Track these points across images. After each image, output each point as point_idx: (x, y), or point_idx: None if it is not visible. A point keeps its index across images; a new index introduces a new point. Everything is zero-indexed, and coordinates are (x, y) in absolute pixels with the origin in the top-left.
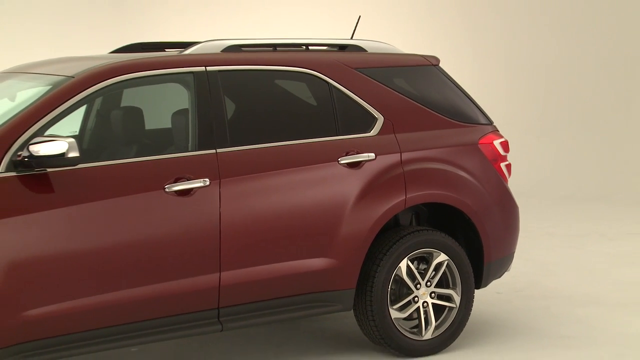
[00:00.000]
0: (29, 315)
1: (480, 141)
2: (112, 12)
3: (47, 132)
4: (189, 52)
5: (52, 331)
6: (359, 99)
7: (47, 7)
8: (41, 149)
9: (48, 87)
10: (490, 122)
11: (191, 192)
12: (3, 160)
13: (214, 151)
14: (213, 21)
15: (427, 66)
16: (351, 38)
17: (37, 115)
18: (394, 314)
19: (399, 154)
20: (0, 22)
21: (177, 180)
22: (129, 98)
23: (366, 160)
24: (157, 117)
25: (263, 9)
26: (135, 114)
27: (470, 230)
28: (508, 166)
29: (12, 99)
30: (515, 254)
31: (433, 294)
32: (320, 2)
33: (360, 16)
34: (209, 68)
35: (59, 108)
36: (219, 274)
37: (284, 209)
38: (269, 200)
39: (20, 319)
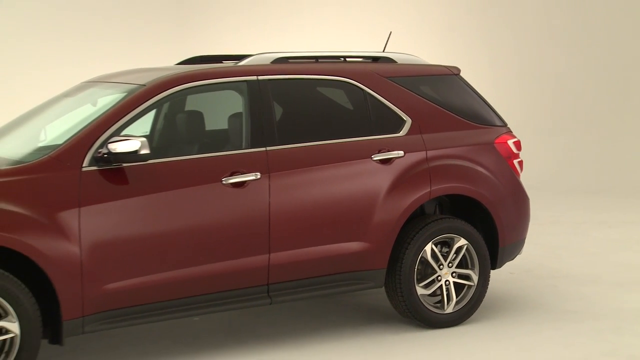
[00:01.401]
0: (108, 288)
1: (496, 141)
2: (177, 29)
3: (123, 133)
4: (243, 64)
5: (128, 302)
6: (390, 103)
7: (124, 26)
8: (118, 147)
9: (124, 94)
10: (505, 124)
11: (244, 184)
12: (86, 157)
13: (264, 149)
14: (263, 37)
15: (449, 75)
16: (383, 51)
17: (115, 118)
18: (420, 290)
19: (425, 151)
20: (85, 40)
21: (232, 174)
22: (191, 103)
23: (396, 157)
24: (216, 120)
25: (307, 26)
26: (197, 117)
27: (487, 218)
28: (520, 163)
29: (94, 104)
30: (526, 239)
31: (454, 274)
32: (355, 20)
33: (391, 32)
34: (260, 77)
35: (132, 112)
36: (268, 255)
37: (324, 199)
38: (312, 192)
39: (102, 291)
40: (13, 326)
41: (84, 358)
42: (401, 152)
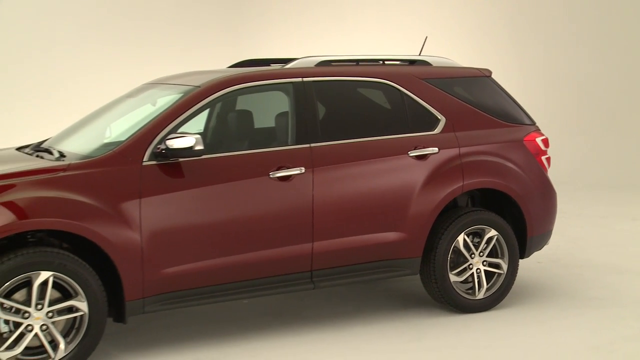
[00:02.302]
0: (166, 272)
1: (525, 138)
2: (230, 36)
3: (180, 130)
4: (289, 67)
5: (183, 285)
6: (425, 103)
7: (182, 34)
8: (175, 143)
9: (180, 95)
10: (533, 123)
11: (290, 178)
12: (147, 152)
13: (308, 145)
14: (308, 42)
15: (481, 77)
16: (419, 54)
17: (172, 117)
18: (453, 277)
19: (458, 148)
20: (146, 46)
21: (279, 169)
22: (242, 103)
23: (431, 154)
24: (264, 118)
25: (349, 32)
26: (247, 115)
27: (516, 210)
28: (548, 159)
29: (154, 104)
30: (553, 231)
31: (485, 262)
32: (394, 25)
33: (427, 37)
34: (305, 79)
35: (188, 111)
36: (312, 243)
37: (364, 192)
38: (352, 185)
39: (160, 274)
40: (82, 305)
41: (145, 336)
42: (436, 149)
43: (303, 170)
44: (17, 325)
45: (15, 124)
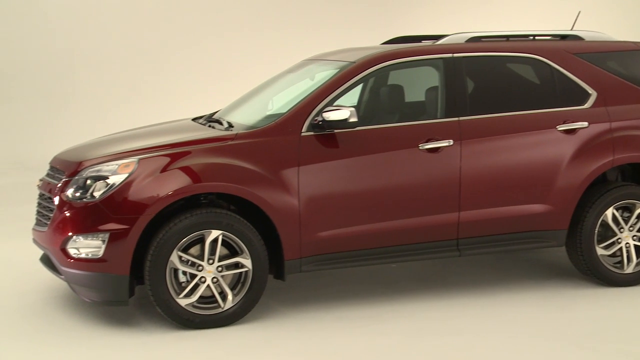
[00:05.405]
0: (321, 235)
1: None
2: (384, 13)
3: (335, 103)
4: (440, 43)
5: (336, 248)
6: (576, 78)
7: (339, 13)
8: (331, 115)
9: (336, 70)
10: None
11: (438, 150)
12: (305, 124)
13: (457, 119)
14: (458, 19)
15: (637, 51)
16: (571, 29)
17: (329, 91)
18: (600, 251)
19: (609, 123)
20: (306, 25)
21: (428, 141)
22: (393, 78)
23: (580, 128)
24: (414, 93)
25: (500, 8)
26: (398, 90)
27: None
28: None
29: (312, 79)
30: None
31: (635, 237)
32: (545, 1)
33: (580, 11)
34: (455, 55)
35: (343, 85)
36: (458, 212)
37: (511, 164)
38: (500, 158)
39: (315, 237)
40: (247, 262)
41: (301, 293)
42: (585, 123)
43: (451, 143)
44: (192, 276)
45: (194, 98)
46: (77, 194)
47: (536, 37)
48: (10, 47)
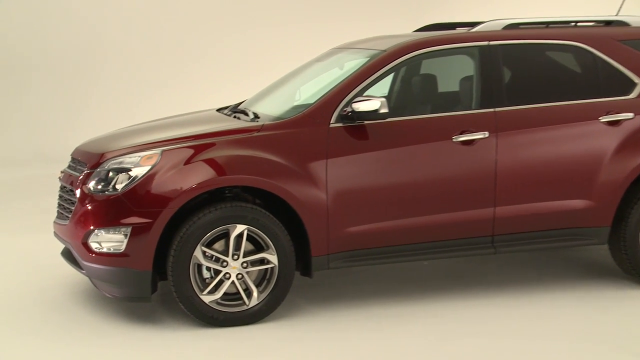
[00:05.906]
0: (350, 231)
1: None
2: (416, 0)
3: (365, 93)
4: (475, 30)
5: (366, 244)
6: (621, 66)
7: (371, 1)
8: (360, 106)
9: (366, 59)
10: None
11: (473, 142)
12: (334, 114)
13: (493, 110)
14: (493, 4)
15: None
16: (616, 15)
17: (358, 80)
18: None
19: None
20: (336, 14)
21: (462, 133)
22: (426, 67)
23: (625, 119)
24: (448, 82)
25: None
26: (431, 79)
27: None
28: None
29: (341, 68)
30: None
31: None
32: None
33: None
34: (491, 42)
35: (374, 75)
36: (494, 208)
37: (550, 158)
38: (538, 150)
39: (344, 233)
40: (273, 258)
41: (328, 290)
42: (631, 114)
43: (487, 135)
44: (216, 272)
45: (219, 88)
46: (99, 187)
47: (578, 24)
48: (32, 38)
